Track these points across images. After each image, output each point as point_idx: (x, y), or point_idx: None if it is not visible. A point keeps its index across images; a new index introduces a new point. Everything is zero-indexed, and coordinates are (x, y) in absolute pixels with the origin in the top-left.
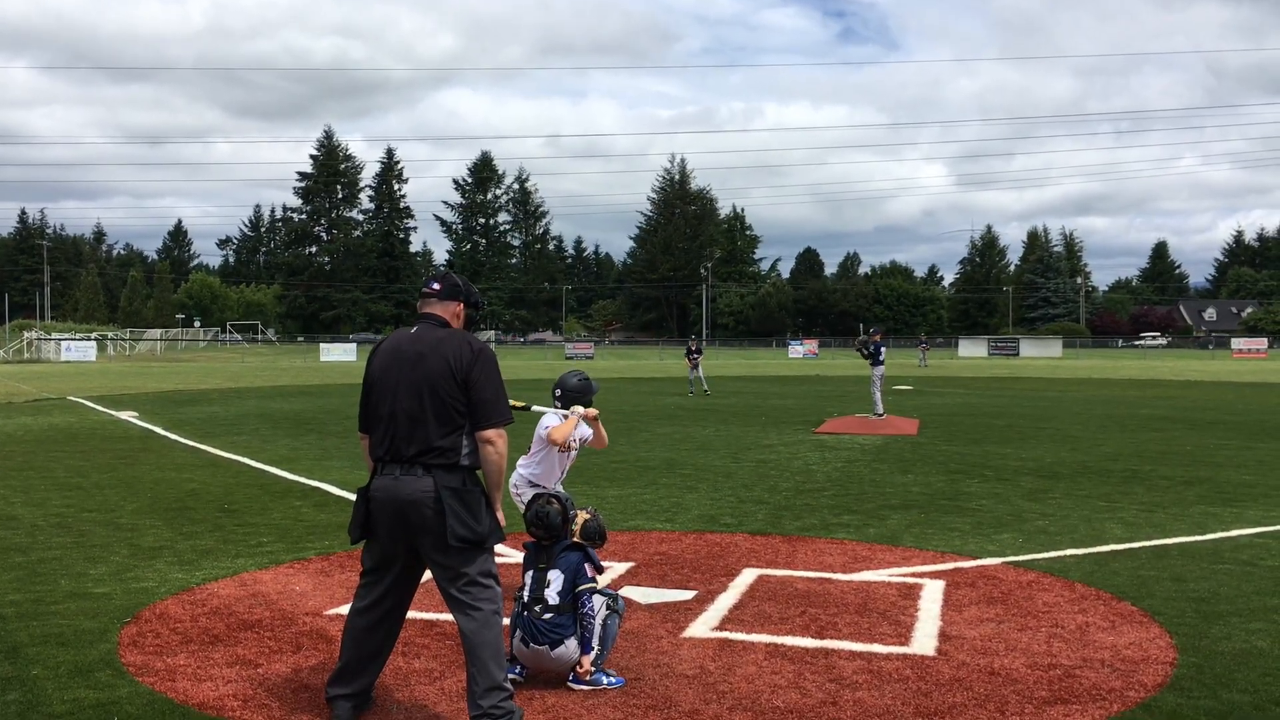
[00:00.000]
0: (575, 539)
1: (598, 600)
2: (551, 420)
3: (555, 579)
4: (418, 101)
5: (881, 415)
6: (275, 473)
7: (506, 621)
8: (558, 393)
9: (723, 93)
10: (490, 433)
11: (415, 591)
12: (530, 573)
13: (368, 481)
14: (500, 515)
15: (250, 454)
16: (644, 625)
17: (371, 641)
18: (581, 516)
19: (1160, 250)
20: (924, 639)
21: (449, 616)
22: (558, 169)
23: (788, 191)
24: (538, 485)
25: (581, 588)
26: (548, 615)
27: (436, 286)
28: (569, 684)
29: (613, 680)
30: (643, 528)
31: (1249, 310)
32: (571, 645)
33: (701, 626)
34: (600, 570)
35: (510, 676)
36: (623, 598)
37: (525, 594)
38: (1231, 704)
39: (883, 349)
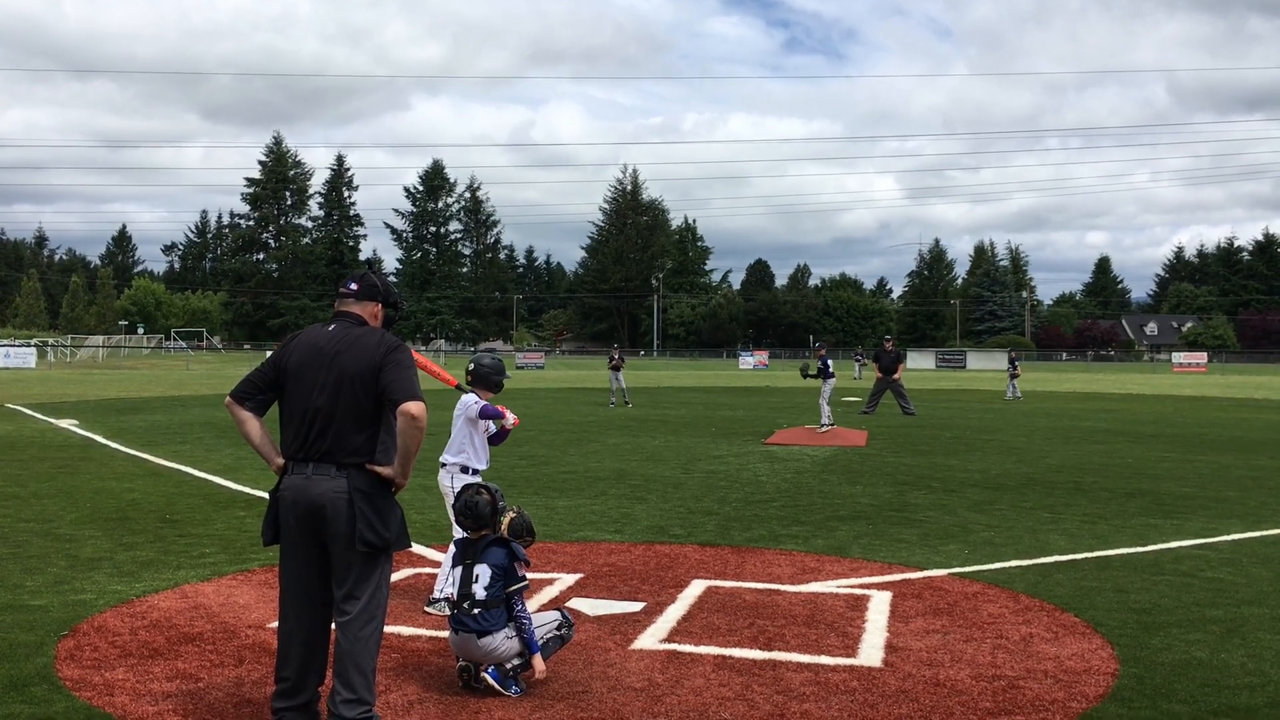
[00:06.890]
0: (503, 534)
1: (548, 616)
2: (470, 398)
3: (483, 574)
4: (380, 110)
5: (827, 427)
6: (219, 482)
7: (408, 630)
8: (470, 367)
9: (678, 104)
10: (410, 405)
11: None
12: (458, 569)
13: (278, 482)
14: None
15: (193, 463)
16: (592, 637)
17: (308, 649)
18: (508, 516)
19: (1103, 265)
20: (871, 650)
21: (395, 629)
22: (509, 178)
23: (742, 203)
24: (472, 472)
25: (513, 588)
26: (475, 610)
27: (354, 286)
28: (483, 672)
29: (516, 689)
30: (592, 538)
31: (1189, 325)
32: (499, 638)
33: (650, 638)
34: (528, 565)
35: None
36: (574, 622)
37: (454, 590)
38: (1171, 714)
39: (829, 362)
